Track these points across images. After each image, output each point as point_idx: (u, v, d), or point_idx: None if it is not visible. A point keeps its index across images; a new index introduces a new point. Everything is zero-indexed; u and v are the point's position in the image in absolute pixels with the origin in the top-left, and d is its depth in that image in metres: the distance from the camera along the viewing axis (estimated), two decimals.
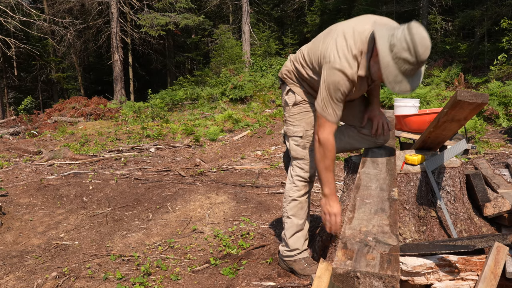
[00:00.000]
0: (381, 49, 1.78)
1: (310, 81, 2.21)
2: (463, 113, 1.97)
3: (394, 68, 1.78)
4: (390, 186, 1.73)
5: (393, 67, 1.77)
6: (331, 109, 1.99)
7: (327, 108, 2.00)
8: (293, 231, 2.39)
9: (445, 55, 13.43)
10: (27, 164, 6.25)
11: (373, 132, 2.31)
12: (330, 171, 2.06)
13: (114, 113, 12.99)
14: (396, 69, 1.77)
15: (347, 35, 1.94)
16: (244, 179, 4.97)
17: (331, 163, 2.05)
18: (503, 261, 1.63)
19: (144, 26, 16.77)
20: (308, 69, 2.17)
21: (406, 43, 1.72)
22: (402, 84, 1.80)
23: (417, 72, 1.81)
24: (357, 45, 1.92)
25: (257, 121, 9.66)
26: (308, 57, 2.16)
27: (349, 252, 1.15)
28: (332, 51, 1.94)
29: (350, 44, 1.92)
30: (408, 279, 1.63)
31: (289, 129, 2.34)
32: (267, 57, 17.56)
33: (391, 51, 1.76)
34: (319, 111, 2.03)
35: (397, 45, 1.74)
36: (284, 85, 2.36)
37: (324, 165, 2.06)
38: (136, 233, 3.29)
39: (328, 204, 2.07)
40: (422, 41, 1.71)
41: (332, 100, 1.98)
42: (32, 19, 16.41)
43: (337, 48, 1.93)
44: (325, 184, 2.08)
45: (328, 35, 2.05)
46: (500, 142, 6.49)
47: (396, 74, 1.78)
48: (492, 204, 2.19)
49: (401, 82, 1.80)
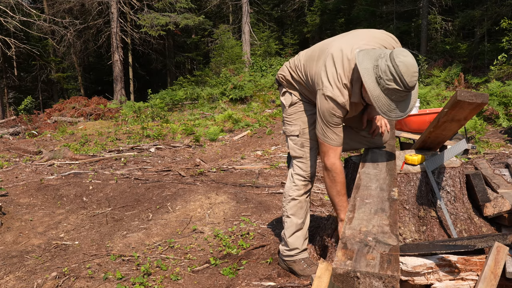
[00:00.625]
0: (368, 84, 1.79)
1: (306, 87, 2.24)
2: (463, 113, 1.97)
3: (385, 99, 1.79)
4: (390, 186, 1.73)
5: (384, 98, 1.79)
6: (331, 133, 2.02)
7: (327, 134, 2.03)
8: (293, 230, 2.39)
9: (445, 55, 13.43)
10: (27, 164, 6.25)
11: (371, 132, 2.33)
12: (342, 195, 2.08)
13: (114, 113, 12.99)
14: (388, 99, 1.79)
15: (337, 63, 1.95)
16: (244, 179, 4.97)
17: (342, 187, 2.07)
18: (503, 261, 1.63)
19: (144, 26, 16.77)
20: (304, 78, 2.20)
21: (391, 74, 1.73)
22: (396, 111, 1.81)
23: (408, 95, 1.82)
24: (346, 74, 1.94)
25: (257, 121, 9.66)
26: (304, 69, 2.19)
27: (349, 252, 1.15)
28: (323, 77, 1.97)
29: (340, 73, 1.94)
30: (408, 279, 1.63)
31: (287, 128, 2.37)
32: (267, 57, 17.56)
33: (379, 83, 1.78)
34: (321, 138, 2.06)
35: (383, 77, 1.75)
36: (281, 87, 2.40)
37: (336, 190, 2.07)
38: (136, 233, 3.29)
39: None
40: (407, 70, 1.71)
41: (329, 126, 2.01)
42: (32, 19, 16.41)
43: (328, 75, 1.96)
44: (340, 209, 2.09)
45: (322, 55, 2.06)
46: (500, 142, 6.49)
47: (389, 103, 1.80)
48: (492, 204, 2.19)
49: (395, 109, 1.81)
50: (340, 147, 2.06)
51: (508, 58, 10.14)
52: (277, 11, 22.75)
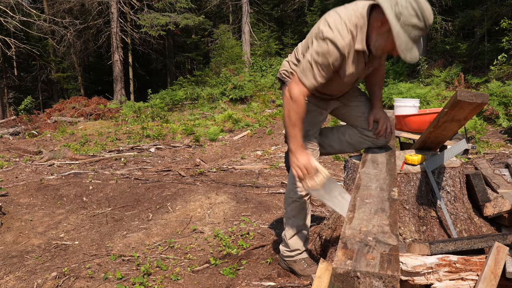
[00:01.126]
0: (390, 19, 1.77)
1: None
2: (463, 113, 1.97)
3: (404, 36, 1.79)
4: (390, 186, 1.72)
5: (403, 35, 1.78)
6: (311, 73, 1.95)
7: (307, 72, 1.95)
8: (294, 232, 2.38)
9: (445, 55, 13.42)
10: (27, 164, 6.25)
11: (377, 132, 2.28)
12: (297, 126, 2.01)
13: (114, 113, 12.99)
14: (407, 36, 1.79)
15: (341, 12, 1.92)
16: (244, 179, 4.97)
17: (300, 120, 2.00)
18: (503, 261, 1.63)
19: (144, 26, 16.78)
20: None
21: (413, 9, 1.74)
22: (412, 51, 1.81)
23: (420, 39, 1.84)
24: (352, 19, 1.89)
25: (257, 121, 9.66)
26: (301, 50, 2.14)
27: (349, 252, 1.15)
28: (323, 26, 1.91)
29: (344, 18, 1.89)
30: (408, 279, 1.63)
31: None
32: (267, 57, 17.56)
33: (399, 19, 1.77)
34: (298, 73, 1.98)
35: (404, 13, 1.75)
36: (284, 85, 2.33)
37: (293, 120, 2.00)
38: (136, 233, 3.29)
39: (295, 158, 2.00)
40: (426, 5, 1.75)
41: (316, 65, 1.93)
42: (32, 19, 16.41)
43: (329, 22, 1.90)
44: (291, 139, 2.02)
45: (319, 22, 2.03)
46: (500, 142, 6.49)
47: (407, 41, 1.80)
48: (492, 204, 2.19)
49: (411, 50, 1.81)
50: (309, 92, 1.99)
51: (508, 58, 10.14)
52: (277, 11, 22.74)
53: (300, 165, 1.98)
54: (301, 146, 2.02)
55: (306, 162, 1.97)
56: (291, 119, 2.00)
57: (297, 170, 2.00)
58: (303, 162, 1.98)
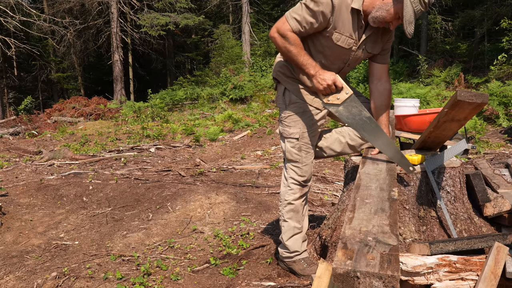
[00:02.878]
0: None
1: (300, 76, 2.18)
2: (463, 113, 1.97)
3: (411, 8, 1.84)
4: (390, 186, 1.72)
5: (410, 6, 1.84)
6: (298, 16, 1.96)
7: (295, 14, 1.97)
8: (291, 234, 2.37)
9: (445, 55, 13.43)
10: (27, 164, 6.25)
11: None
12: (302, 55, 1.98)
13: (114, 113, 12.99)
14: (412, 9, 1.84)
15: None
16: (244, 179, 4.97)
17: (300, 47, 1.99)
18: (503, 261, 1.63)
19: (144, 26, 16.77)
20: None
21: None
22: (412, 26, 1.87)
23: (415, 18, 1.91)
24: None
25: (257, 121, 9.66)
26: None
27: (349, 252, 1.15)
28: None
29: None
30: (408, 279, 1.63)
31: (285, 130, 2.29)
32: (267, 57, 17.54)
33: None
34: (287, 14, 2.00)
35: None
36: (279, 84, 2.30)
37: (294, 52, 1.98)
38: (136, 233, 3.29)
39: (320, 79, 1.94)
40: None
41: (306, 9, 1.94)
42: (32, 19, 16.41)
43: None
44: (305, 67, 1.99)
45: None
46: (500, 142, 6.49)
47: (411, 14, 1.85)
48: (492, 204, 2.19)
49: (412, 24, 1.87)
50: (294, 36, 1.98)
51: (508, 58, 10.14)
52: (277, 11, 22.72)
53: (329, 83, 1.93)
54: (318, 66, 1.98)
55: (333, 78, 1.93)
56: (292, 52, 1.99)
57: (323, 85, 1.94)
58: (331, 78, 1.92)
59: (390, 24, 1.96)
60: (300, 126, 2.25)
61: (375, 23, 1.95)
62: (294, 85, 2.24)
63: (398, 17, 1.91)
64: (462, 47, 13.46)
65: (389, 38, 2.17)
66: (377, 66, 2.22)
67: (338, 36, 2.02)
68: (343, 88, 1.94)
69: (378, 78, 2.23)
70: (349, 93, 1.94)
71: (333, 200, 3.97)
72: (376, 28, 2.04)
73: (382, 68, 2.22)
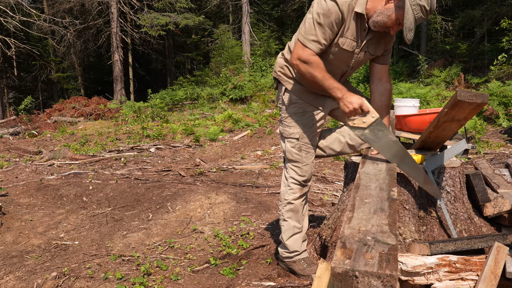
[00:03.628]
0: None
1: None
2: (463, 113, 1.97)
3: (412, 15, 1.82)
4: (390, 186, 1.72)
5: (411, 13, 1.82)
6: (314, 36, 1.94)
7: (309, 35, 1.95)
8: (291, 234, 2.37)
9: (445, 55, 13.42)
10: (27, 164, 6.25)
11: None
12: (327, 79, 1.97)
13: (114, 113, 12.99)
14: (413, 16, 1.82)
15: None
16: (244, 179, 4.97)
17: (324, 72, 1.97)
18: (503, 261, 1.63)
19: (144, 26, 16.77)
20: None
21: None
22: (412, 32, 1.86)
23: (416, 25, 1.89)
24: None
25: (257, 121, 9.66)
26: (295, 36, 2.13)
27: (348, 251, 1.15)
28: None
29: None
30: (408, 279, 1.63)
31: (286, 130, 2.29)
32: (267, 57, 17.55)
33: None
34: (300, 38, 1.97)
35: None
36: (280, 84, 2.30)
37: (319, 77, 1.97)
38: (136, 233, 3.29)
39: (347, 102, 1.93)
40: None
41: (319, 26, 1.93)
42: (32, 19, 16.41)
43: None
44: (332, 90, 1.97)
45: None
46: (500, 142, 6.49)
47: (412, 21, 1.83)
48: (492, 204, 2.19)
49: (412, 31, 1.85)
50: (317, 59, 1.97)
51: (508, 58, 10.14)
52: (277, 11, 22.73)
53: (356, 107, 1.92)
54: (345, 89, 1.97)
55: (360, 102, 1.92)
56: (317, 77, 1.98)
57: (350, 109, 1.93)
58: (358, 102, 1.91)
59: (390, 29, 1.95)
60: (300, 126, 2.25)
61: (375, 27, 1.95)
62: (294, 86, 2.24)
63: (398, 23, 1.90)
64: (462, 47, 13.46)
65: (391, 39, 2.17)
66: (378, 67, 2.22)
67: (343, 40, 2.01)
68: (369, 111, 1.94)
69: (379, 78, 2.23)
70: (376, 117, 1.94)
71: (333, 200, 3.97)
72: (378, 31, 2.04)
73: (383, 68, 2.22)
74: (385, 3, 1.87)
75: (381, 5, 1.89)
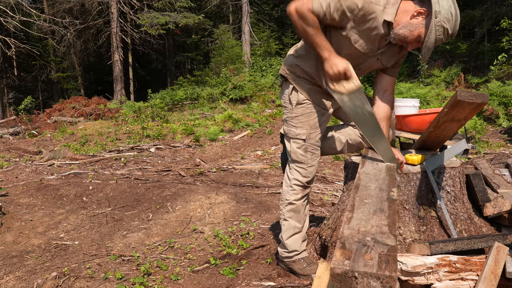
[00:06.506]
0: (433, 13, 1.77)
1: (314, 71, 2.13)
2: (463, 113, 1.97)
3: (434, 35, 1.79)
4: (390, 186, 1.72)
5: (434, 33, 1.79)
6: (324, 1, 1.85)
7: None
8: (291, 233, 2.37)
9: (445, 55, 13.42)
10: (27, 164, 6.25)
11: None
12: (318, 36, 1.90)
13: (114, 113, 12.99)
14: (434, 36, 1.79)
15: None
16: (244, 179, 4.97)
17: (317, 29, 1.89)
18: (503, 261, 1.63)
19: (143, 26, 16.77)
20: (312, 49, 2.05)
21: (451, 14, 1.75)
22: (429, 52, 1.84)
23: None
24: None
25: (257, 121, 9.66)
26: None
27: (347, 252, 1.15)
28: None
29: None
30: (408, 279, 1.63)
31: (291, 130, 2.25)
32: (267, 57, 17.54)
33: (436, 17, 1.76)
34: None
35: (442, 13, 1.75)
36: (286, 82, 2.25)
37: (311, 32, 1.89)
38: (136, 233, 3.29)
39: (332, 63, 1.89)
40: (459, 18, 1.77)
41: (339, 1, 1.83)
42: (32, 19, 16.42)
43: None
44: (319, 48, 1.91)
45: None
46: (500, 142, 6.49)
47: (433, 41, 1.80)
48: (492, 204, 2.19)
49: (430, 50, 1.83)
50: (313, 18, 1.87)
51: (508, 58, 10.14)
52: (277, 11, 22.73)
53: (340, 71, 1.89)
54: (332, 51, 1.92)
55: (346, 66, 1.89)
56: (309, 32, 1.91)
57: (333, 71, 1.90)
58: (343, 66, 1.89)
59: (408, 45, 1.91)
60: (307, 127, 2.21)
61: (395, 39, 1.91)
62: (304, 85, 2.19)
63: (418, 40, 1.86)
64: (462, 47, 13.46)
65: (404, 54, 2.14)
66: (386, 78, 2.18)
67: (356, 38, 1.95)
68: (352, 77, 1.93)
69: (384, 89, 2.19)
70: (357, 85, 1.93)
71: (333, 200, 3.97)
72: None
73: (390, 80, 2.18)
74: (410, 18, 1.84)
75: (406, 19, 1.85)
